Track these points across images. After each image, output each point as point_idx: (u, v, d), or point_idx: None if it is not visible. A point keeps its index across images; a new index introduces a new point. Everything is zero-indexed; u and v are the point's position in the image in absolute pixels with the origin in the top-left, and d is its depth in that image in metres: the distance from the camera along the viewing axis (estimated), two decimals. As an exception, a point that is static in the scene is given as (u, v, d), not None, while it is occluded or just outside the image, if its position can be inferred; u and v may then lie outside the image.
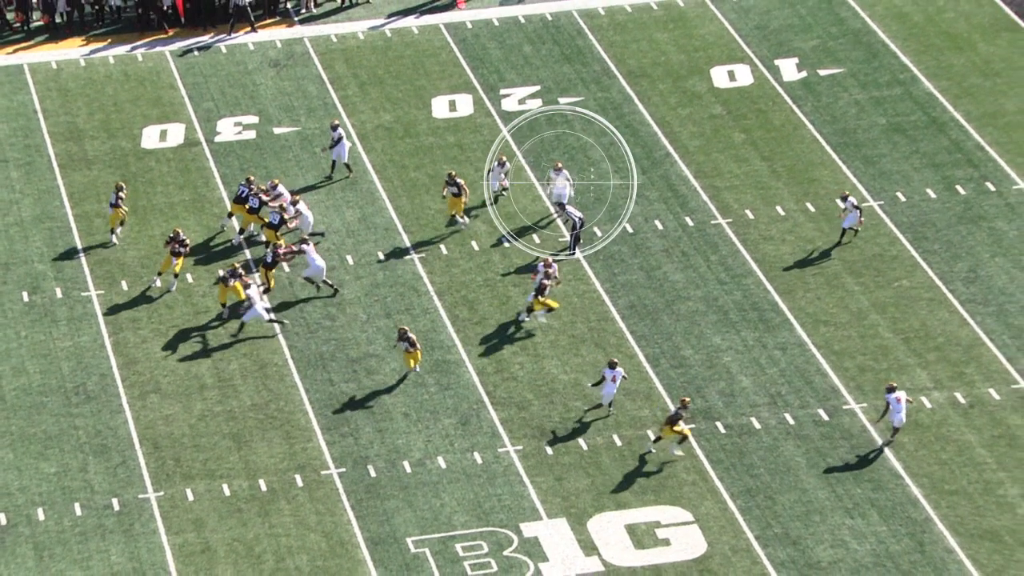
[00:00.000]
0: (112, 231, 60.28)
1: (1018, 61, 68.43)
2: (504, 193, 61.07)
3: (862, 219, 59.30)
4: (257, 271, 58.02)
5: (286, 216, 58.68)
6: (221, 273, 56.92)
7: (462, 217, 60.27)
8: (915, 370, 54.46)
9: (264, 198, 59.23)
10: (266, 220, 58.89)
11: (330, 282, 57.69)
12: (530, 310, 56.17)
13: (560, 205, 59.88)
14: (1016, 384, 53.84)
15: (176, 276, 57.71)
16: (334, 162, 63.14)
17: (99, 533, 49.75)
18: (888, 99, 66.60)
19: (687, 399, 51.75)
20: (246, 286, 56.23)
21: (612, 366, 52.42)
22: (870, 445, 51.83)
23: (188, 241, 58.07)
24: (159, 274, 57.80)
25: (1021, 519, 49.47)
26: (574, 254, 59.40)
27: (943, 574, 47.92)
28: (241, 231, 59.94)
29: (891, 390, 51.47)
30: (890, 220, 60.51)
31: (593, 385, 53.02)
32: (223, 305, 56.69)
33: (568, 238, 59.66)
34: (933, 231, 59.98)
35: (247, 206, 59.46)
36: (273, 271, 57.53)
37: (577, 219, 59.51)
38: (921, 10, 71.54)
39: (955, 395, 53.58)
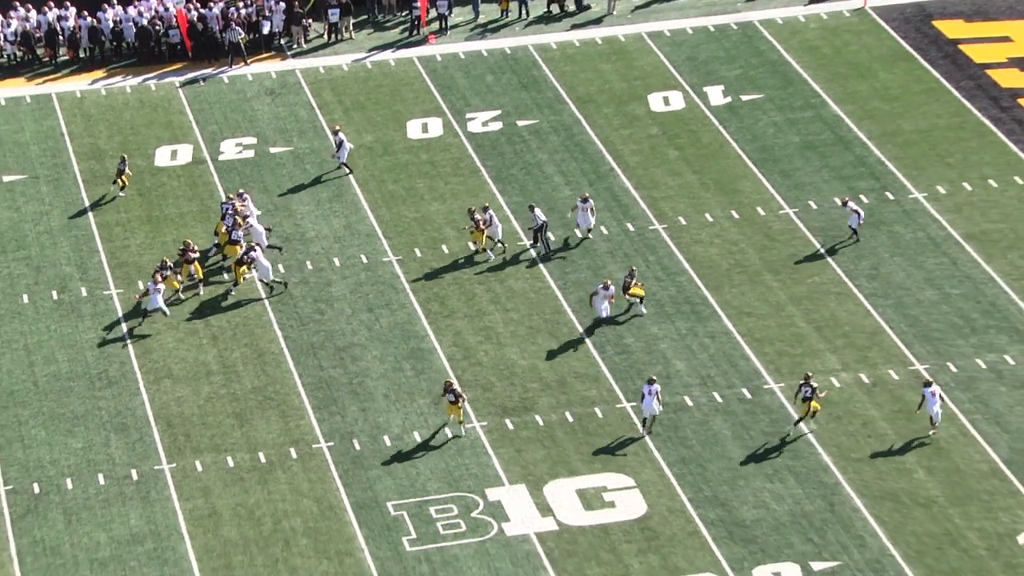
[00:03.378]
0: (121, 188, 62.68)
1: (913, 87, 68.63)
2: (589, 235, 59.93)
3: (862, 221, 59.15)
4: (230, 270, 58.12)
5: (239, 221, 58.51)
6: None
7: (483, 249, 59.26)
8: (825, 355, 54.64)
9: (239, 206, 59.12)
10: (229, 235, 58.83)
11: (277, 279, 57.61)
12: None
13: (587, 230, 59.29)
14: (912, 366, 54.02)
15: (181, 282, 57.52)
16: (344, 164, 63.60)
17: (120, 500, 49.70)
18: (801, 120, 66.75)
19: (809, 374, 51.55)
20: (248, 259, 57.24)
21: (650, 382, 51.08)
22: (788, 420, 51.98)
23: (196, 248, 58.14)
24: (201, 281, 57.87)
25: (917, 482, 49.64)
26: (536, 245, 59.51)
27: (850, 530, 48.08)
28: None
29: (928, 384, 50.89)
30: (803, 225, 60.63)
31: (641, 403, 51.40)
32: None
33: (530, 238, 59.84)
34: (841, 234, 60.13)
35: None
36: (242, 268, 57.50)
37: (541, 221, 59.60)
38: (829, 43, 71.72)
39: (860, 376, 53.75)
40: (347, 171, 63.64)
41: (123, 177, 62.91)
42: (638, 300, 56.16)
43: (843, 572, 46.82)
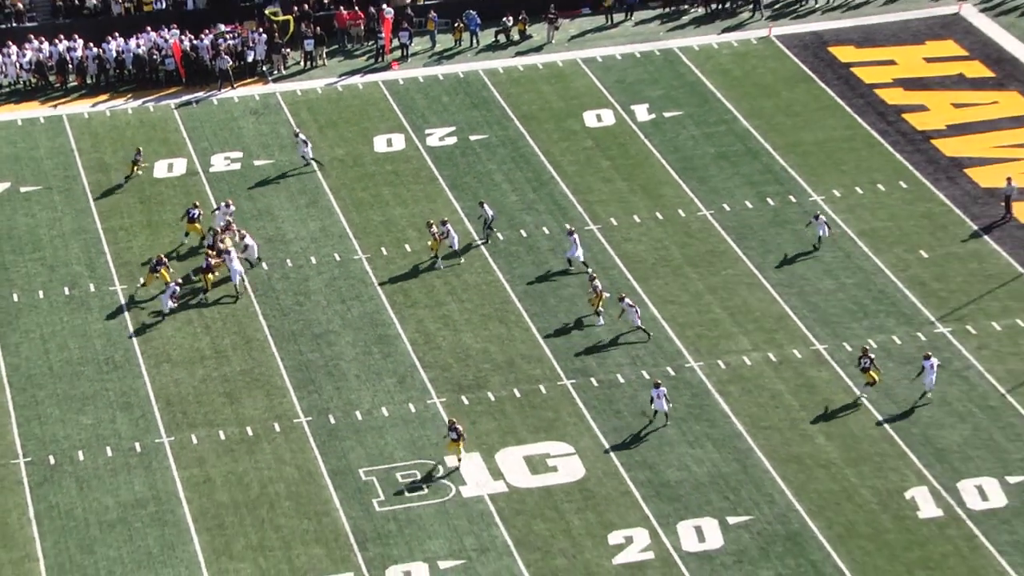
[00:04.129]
0: (127, 177, 63.61)
1: (812, 104, 68.76)
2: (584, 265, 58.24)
3: (830, 230, 58.62)
4: (197, 276, 57.61)
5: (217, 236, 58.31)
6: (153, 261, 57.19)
7: (436, 257, 58.57)
8: (739, 337, 54.69)
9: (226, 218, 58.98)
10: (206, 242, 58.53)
11: (240, 290, 57.07)
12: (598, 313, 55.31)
13: (569, 261, 58.21)
14: (814, 346, 54.12)
15: (168, 284, 57.02)
16: (312, 160, 63.77)
17: (125, 469, 49.45)
18: (716, 134, 66.81)
19: (866, 347, 51.45)
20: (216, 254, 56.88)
21: (656, 386, 50.15)
22: (707, 395, 51.98)
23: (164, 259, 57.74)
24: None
25: (818, 447, 49.75)
26: (487, 242, 59.39)
27: (761, 488, 48.15)
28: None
29: (927, 357, 50.83)
30: (719, 224, 60.69)
31: (651, 405, 50.39)
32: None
33: (482, 234, 59.78)
34: (751, 232, 60.21)
35: (196, 224, 59.39)
36: (209, 275, 57.01)
37: (490, 216, 59.46)
38: (739, 67, 71.82)
39: (768, 355, 53.83)
40: (318, 165, 63.58)
41: (136, 167, 63.73)
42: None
43: (755, 525, 46.89)
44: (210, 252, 57.67)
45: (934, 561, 45.61)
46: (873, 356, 51.53)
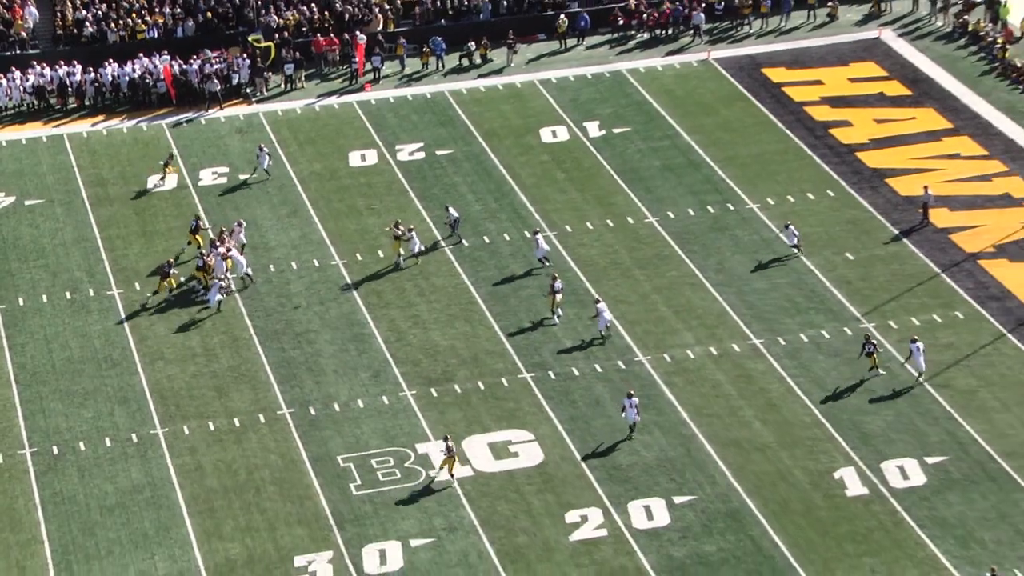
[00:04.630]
0: (162, 177, 64.36)
1: (747, 121, 68.80)
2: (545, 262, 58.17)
3: (801, 243, 58.41)
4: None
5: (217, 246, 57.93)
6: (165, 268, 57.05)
7: (398, 254, 58.51)
8: (683, 333, 54.70)
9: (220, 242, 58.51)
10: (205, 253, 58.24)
11: (248, 274, 57.15)
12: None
13: (542, 260, 58.14)
14: (751, 340, 54.17)
15: (171, 290, 56.80)
16: (266, 171, 64.14)
17: (123, 458, 49.17)
18: (661, 148, 66.83)
19: (868, 335, 51.71)
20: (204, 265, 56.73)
21: (629, 396, 49.07)
22: (655, 385, 52.00)
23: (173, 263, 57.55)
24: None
25: (755, 431, 49.80)
26: (459, 242, 59.43)
27: (704, 470, 48.17)
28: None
29: (914, 340, 51.10)
30: (664, 230, 60.69)
31: (622, 413, 49.36)
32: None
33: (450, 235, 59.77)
34: (693, 237, 60.25)
35: (198, 236, 59.20)
36: (165, 282, 56.95)
37: (454, 218, 59.39)
38: (682, 87, 71.84)
39: (710, 349, 53.86)
40: (267, 176, 63.88)
41: (168, 168, 64.25)
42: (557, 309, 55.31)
43: (699, 504, 46.91)
44: (205, 253, 57.25)
45: (861, 535, 45.72)
46: (875, 343, 51.52)
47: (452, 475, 47.92)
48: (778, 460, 48.49)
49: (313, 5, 75.61)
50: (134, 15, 74.13)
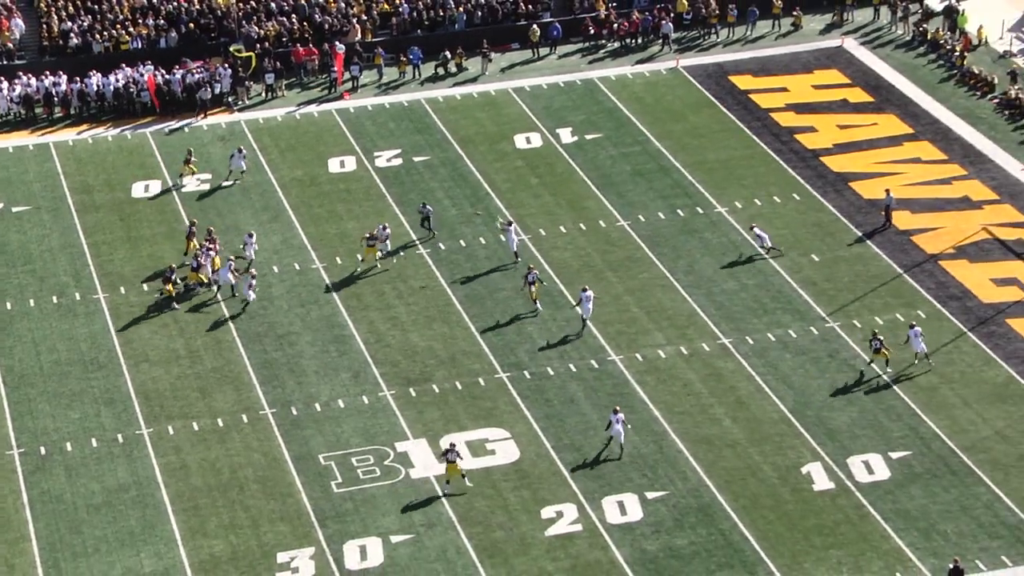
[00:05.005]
0: (188, 174, 64.35)
1: (715, 127, 68.81)
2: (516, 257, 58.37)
3: (769, 246, 58.24)
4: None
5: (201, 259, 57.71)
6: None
7: (371, 257, 58.28)
8: (654, 333, 54.63)
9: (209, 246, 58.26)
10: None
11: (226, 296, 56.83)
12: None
13: (513, 252, 58.28)
14: (720, 340, 54.13)
15: (171, 297, 56.27)
16: (238, 171, 64.23)
17: (109, 458, 48.88)
18: (632, 154, 66.78)
19: (875, 330, 51.73)
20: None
21: (615, 412, 48.08)
22: (627, 384, 51.91)
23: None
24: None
25: (724, 429, 49.75)
26: (433, 236, 59.67)
27: (675, 466, 48.11)
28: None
29: (912, 326, 51.56)
30: (635, 233, 60.63)
31: (606, 430, 48.51)
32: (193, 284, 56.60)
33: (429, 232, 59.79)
34: (663, 240, 60.20)
35: (192, 241, 58.79)
36: (199, 273, 56.87)
37: (428, 211, 59.73)
38: (651, 95, 71.81)
39: (680, 348, 53.80)
40: (239, 180, 63.87)
41: (190, 165, 64.19)
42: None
43: (671, 499, 46.85)
44: (200, 255, 57.27)
45: (828, 528, 45.70)
46: (882, 338, 51.48)
47: (464, 476, 46.84)
48: (747, 456, 48.45)
49: (293, 16, 75.39)
50: (118, 27, 73.80)
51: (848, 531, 45.54)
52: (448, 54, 74.19)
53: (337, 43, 73.51)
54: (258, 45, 73.51)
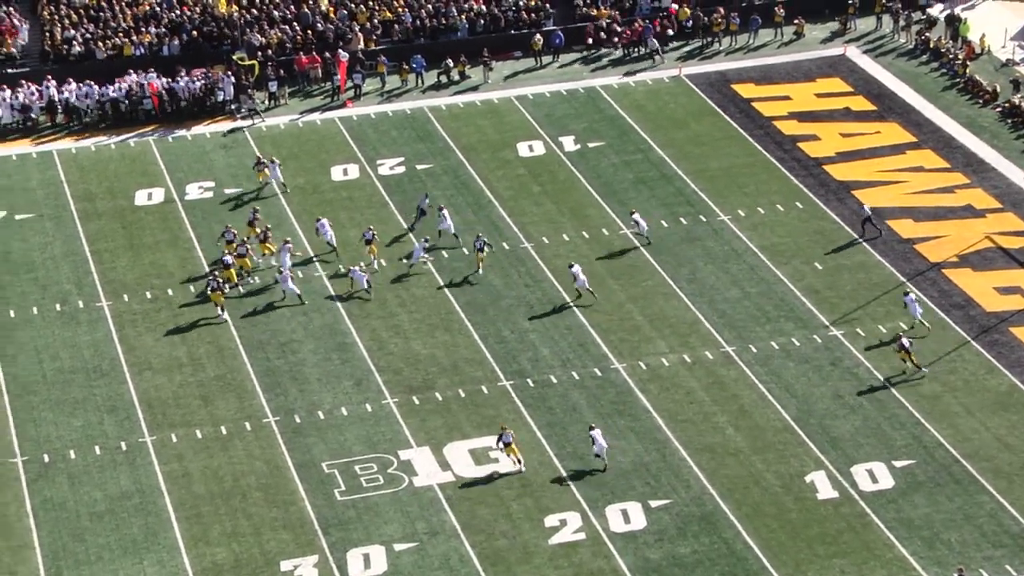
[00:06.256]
0: (262, 181, 64.11)
1: (717, 135, 68.83)
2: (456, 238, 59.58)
3: (644, 233, 58.73)
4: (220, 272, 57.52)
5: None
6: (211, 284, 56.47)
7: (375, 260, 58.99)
8: (657, 341, 54.62)
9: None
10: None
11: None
12: None
13: (452, 235, 59.84)
14: (723, 348, 54.11)
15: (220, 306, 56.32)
16: (278, 183, 63.63)
17: (112, 465, 48.87)
18: (634, 162, 66.81)
19: (900, 333, 52.26)
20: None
21: (591, 429, 48.11)
22: (630, 392, 51.88)
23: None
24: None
25: (728, 436, 49.72)
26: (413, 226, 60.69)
27: (679, 474, 48.08)
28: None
29: (906, 294, 52.96)
30: (637, 242, 60.60)
31: (593, 447, 48.06)
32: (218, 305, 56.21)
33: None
34: (666, 248, 60.19)
35: (233, 243, 58.94)
36: (230, 270, 57.29)
37: (425, 205, 60.36)
38: (653, 103, 71.85)
39: (683, 356, 53.79)
40: (286, 190, 63.91)
41: (262, 171, 63.90)
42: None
43: (674, 507, 46.82)
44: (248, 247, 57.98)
45: (831, 537, 45.67)
46: (911, 340, 51.82)
47: (519, 459, 47.53)
48: (750, 464, 48.42)
49: (296, 24, 75.44)
50: (121, 34, 73.85)
51: (851, 540, 45.50)
52: (451, 62, 74.25)
53: (340, 51, 73.56)
54: (260, 53, 73.55)
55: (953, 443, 49.09)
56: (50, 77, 71.56)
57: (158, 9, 75.32)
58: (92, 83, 71.19)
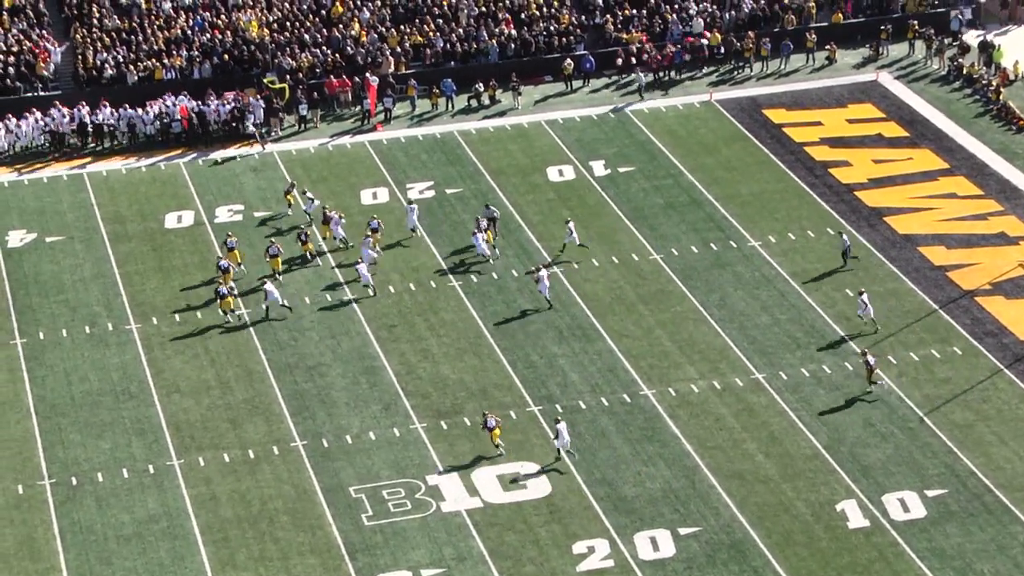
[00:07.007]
0: (288, 205, 64.48)
1: (748, 160, 68.70)
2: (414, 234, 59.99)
3: (578, 243, 58.72)
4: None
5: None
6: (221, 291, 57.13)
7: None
8: (686, 367, 54.39)
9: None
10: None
11: (286, 305, 57.30)
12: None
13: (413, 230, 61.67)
14: (753, 375, 53.86)
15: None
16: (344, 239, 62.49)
17: (140, 488, 48.85)
18: (664, 187, 66.67)
19: (864, 350, 52.76)
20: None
21: (556, 422, 49.25)
22: (659, 418, 51.66)
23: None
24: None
25: (758, 464, 49.43)
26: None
27: (708, 501, 47.81)
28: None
29: (861, 293, 54.40)
30: (667, 267, 60.45)
31: (555, 440, 49.42)
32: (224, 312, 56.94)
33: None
34: (696, 274, 60.01)
35: (278, 258, 59.66)
36: (227, 300, 57.57)
37: (495, 214, 61.38)
38: (684, 127, 71.76)
39: (713, 383, 53.55)
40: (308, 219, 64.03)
41: (289, 196, 64.28)
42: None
43: (703, 535, 46.53)
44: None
45: (862, 566, 45.28)
46: (871, 360, 51.97)
47: (499, 445, 48.38)
48: (780, 492, 48.11)
49: (326, 48, 75.66)
50: (153, 59, 74.18)
51: (882, 569, 45.11)
52: (481, 86, 74.32)
53: (370, 75, 73.72)
54: (291, 77, 73.76)
55: (986, 472, 48.68)
56: (84, 102, 71.89)
57: (189, 32, 75.64)
58: (125, 106, 71.48)
